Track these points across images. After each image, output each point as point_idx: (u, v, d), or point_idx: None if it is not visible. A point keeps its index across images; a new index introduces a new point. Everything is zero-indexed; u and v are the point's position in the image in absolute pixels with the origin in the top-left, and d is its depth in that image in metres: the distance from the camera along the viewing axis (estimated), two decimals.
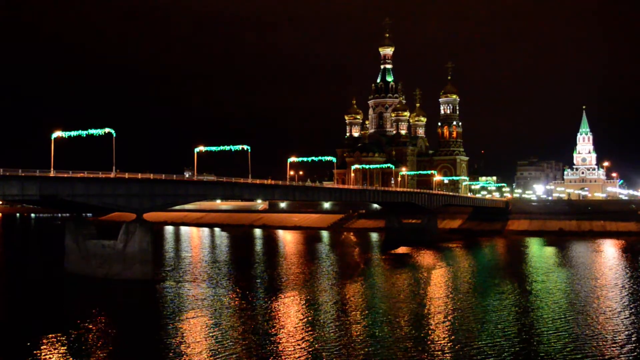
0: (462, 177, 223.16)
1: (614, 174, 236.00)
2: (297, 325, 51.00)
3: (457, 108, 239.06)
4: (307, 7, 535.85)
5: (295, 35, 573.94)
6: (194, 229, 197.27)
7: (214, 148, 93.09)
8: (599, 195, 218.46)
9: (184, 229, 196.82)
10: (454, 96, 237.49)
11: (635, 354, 42.58)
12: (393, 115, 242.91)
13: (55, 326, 50.39)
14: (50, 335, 46.92)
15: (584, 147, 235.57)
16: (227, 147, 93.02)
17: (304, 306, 60.08)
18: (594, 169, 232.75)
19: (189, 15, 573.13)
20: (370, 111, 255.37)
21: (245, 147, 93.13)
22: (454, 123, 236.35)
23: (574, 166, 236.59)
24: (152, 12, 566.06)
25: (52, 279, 79.96)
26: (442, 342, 45.92)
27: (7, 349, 44.69)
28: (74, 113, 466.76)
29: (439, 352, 42.99)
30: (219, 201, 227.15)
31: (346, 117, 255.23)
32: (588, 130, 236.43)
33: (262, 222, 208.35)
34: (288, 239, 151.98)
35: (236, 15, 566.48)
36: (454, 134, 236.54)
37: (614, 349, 43.92)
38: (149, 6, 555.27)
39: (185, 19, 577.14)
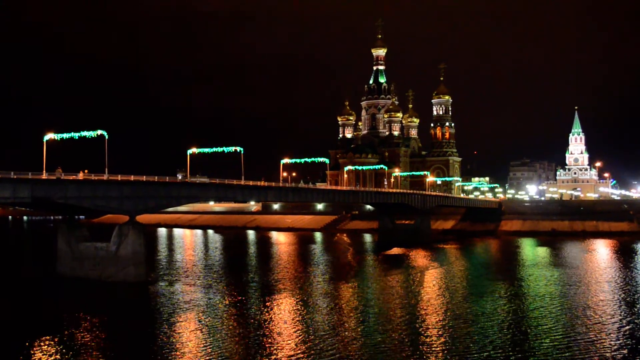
0: (455, 178, 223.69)
1: (606, 175, 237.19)
2: (289, 328, 51.00)
3: (450, 109, 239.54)
4: (300, 7, 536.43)
5: (287, 36, 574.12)
6: (187, 231, 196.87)
7: (206, 150, 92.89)
8: (592, 196, 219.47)
9: (177, 231, 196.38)
10: (447, 97, 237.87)
11: (631, 354, 42.77)
12: (386, 116, 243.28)
13: (48, 329, 50.24)
14: (43, 338, 46.75)
15: (576, 147, 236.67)
16: (219, 149, 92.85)
17: (296, 308, 60.06)
18: (586, 170, 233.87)
19: (184, 14, 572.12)
20: (363, 112, 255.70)
21: (238, 148, 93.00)
22: (447, 124, 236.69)
23: (567, 167, 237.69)
24: (148, 13, 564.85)
25: (44, 281, 79.60)
26: (436, 344, 46.00)
27: (0, 352, 44.44)
28: (67, 114, 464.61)
29: (432, 354, 43.08)
30: (212, 203, 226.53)
31: (339, 119, 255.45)
32: (580, 130, 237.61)
33: (255, 224, 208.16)
34: (281, 241, 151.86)
35: (229, 15, 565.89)
36: (447, 135, 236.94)
37: (608, 349, 44.12)
38: (146, 7, 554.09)
39: (180, 18, 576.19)
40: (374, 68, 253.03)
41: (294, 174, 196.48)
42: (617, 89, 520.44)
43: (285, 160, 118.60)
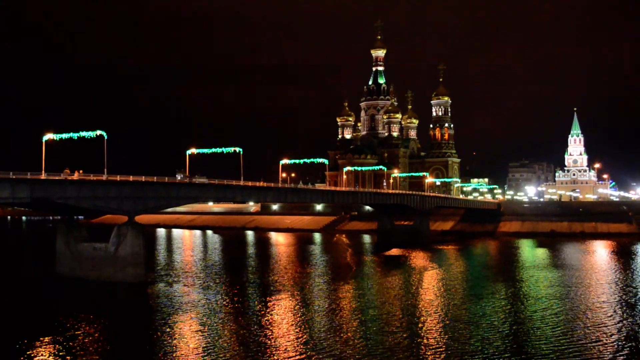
0: (454, 179, 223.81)
1: (605, 176, 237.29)
2: (288, 329, 51.01)
3: (449, 110, 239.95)
4: (299, 8, 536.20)
5: (286, 37, 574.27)
6: (186, 232, 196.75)
7: (205, 150, 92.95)
8: (590, 197, 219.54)
9: (176, 232, 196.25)
10: (446, 98, 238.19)
11: (631, 355, 42.80)
12: (385, 117, 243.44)
13: (48, 329, 50.22)
14: (42, 339, 46.76)
15: (575, 148, 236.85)
16: (219, 150, 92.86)
17: (295, 309, 60.07)
18: (585, 171, 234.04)
19: (184, 14, 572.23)
20: (362, 113, 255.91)
21: (238, 149, 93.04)
22: (446, 125, 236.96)
23: (566, 168, 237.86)
24: (146, 13, 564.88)
25: (43, 281, 79.57)
26: (435, 345, 46.01)
27: (0, 352, 44.51)
28: (66, 114, 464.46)
29: (432, 355, 43.09)
30: (211, 203, 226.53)
31: (338, 119, 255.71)
32: (579, 132, 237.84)
33: (254, 225, 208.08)
34: (280, 241, 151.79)
35: (229, 16, 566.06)
36: (446, 136, 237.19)
37: (608, 350, 44.13)
38: (145, 7, 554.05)
39: (180, 18, 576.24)
40: (373, 69, 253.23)
41: (293, 175, 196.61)
42: (617, 89, 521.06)
43: (285, 161, 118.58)
